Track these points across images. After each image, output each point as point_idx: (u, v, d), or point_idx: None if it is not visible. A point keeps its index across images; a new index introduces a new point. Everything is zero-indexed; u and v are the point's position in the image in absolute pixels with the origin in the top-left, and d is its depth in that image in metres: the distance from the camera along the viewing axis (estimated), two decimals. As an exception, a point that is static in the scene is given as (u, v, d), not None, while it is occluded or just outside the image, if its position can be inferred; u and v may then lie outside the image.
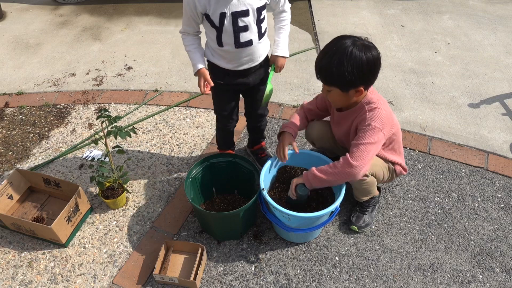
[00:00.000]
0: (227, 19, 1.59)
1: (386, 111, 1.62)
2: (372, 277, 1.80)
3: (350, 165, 1.59)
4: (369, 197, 1.93)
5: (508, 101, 2.77)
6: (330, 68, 1.50)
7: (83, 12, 3.96)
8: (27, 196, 2.11)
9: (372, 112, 1.60)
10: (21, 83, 3.00)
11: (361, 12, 3.87)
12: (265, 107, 2.09)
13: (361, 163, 1.58)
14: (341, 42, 1.50)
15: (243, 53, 1.71)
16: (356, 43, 1.48)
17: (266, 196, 1.70)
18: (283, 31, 1.83)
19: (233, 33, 1.63)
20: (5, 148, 2.47)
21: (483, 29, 3.58)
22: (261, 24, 1.69)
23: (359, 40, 1.50)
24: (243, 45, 1.67)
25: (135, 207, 2.10)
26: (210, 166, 1.98)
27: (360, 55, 1.46)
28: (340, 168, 1.61)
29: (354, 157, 1.59)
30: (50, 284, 1.79)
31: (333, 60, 1.49)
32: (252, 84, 1.86)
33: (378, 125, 1.58)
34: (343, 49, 1.47)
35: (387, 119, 1.61)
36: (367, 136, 1.59)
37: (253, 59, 1.75)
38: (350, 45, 1.47)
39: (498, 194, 2.15)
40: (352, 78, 1.49)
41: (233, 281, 1.78)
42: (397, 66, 3.11)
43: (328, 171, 1.64)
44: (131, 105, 2.77)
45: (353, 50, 1.46)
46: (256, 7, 1.61)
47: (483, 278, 1.80)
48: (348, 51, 1.46)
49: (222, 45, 1.68)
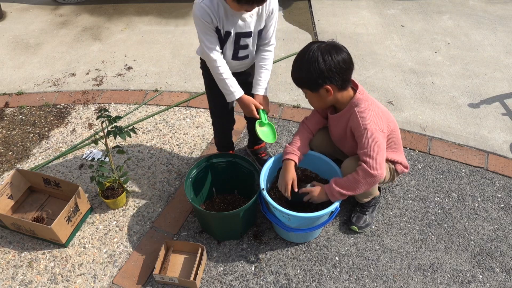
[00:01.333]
0: (231, 38, 1.68)
1: (375, 111, 1.64)
2: (372, 277, 1.80)
3: (371, 175, 1.61)
4: (370, 198, 1.93)
5: (508, 101, 2.77)
6: (296, 70, 1.63)
7: (83, 12, 3.96)
8: (27, 196, 2.11)
9: (363, 114, 1.63)
10: (21, 83, 3.00)
11: (361, 12, 3.87)
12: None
13: (380, 170, 1.61)
14: (307, 46, 1.61)
15: (238, 63, 1.80)
16: (320, 46, 1.57)
17: (266, 196, 1.70)
18: (266, 70, 1.80)
19: (233, 49, 1.73)
20: (5, 148, 2.47)
21: (483, 29, 3.58)
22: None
23: (325, 43, 1.58)
24: (240, 58, 1.78)
25: (135, 207, 2.10)
26: (210, 166, 1.98)
27: (320, 56, 1.55)
28: (362, 180, 1.63)
29: (371, 166, 1.60)
30: (50, 284, 1.79)
31: (297, 62, 1.62)
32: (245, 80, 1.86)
33: (373, 126, 1.60)
34: (306, 52, 1.58)
35: (379, 118, 1.64)
36: (370, 140, 1.60)
37: (247, 66, 1.87)
38: (314, 48, 1.56)
39: (498, 194, 2.15)
40: (313, 77, 1.57)
41: (233, 281, 1.78)
42: (397, 66, 3.11)
43: (353, 186, 1.65)
44: (131, 105, 2.77)
45: (315, 52, 1.55)
46: (259, 29, 1.71)
47: (483, 278, 1.80)
48: (310, 53, 1.56)
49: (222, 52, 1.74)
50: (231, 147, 2.27)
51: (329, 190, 1.69)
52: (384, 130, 1.64)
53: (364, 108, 1.63)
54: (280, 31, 3.58)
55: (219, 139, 2.22)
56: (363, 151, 1.62)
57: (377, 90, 2.84)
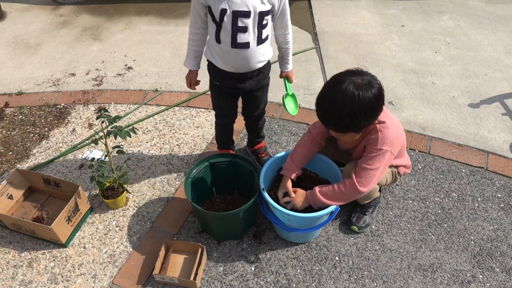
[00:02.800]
0: (227, 16, 1.58)
1: (395, 130, 1.59)
2: (372, 277, 1.80)
3: (357, 191, 1.59)
4: (370, 200, 1.93)
5: (508, 101, 2.77)
6: (343, 119, 1.45)
7: (83, 12, 3.96)
8: (27, 196, 2.11)
9: (383, 133, 1.56)
10: (21, 83, 3.00)
11: (361, 12, 3.87)
12: (263, 109, 2.08)
13: (368, 187, 1.59)
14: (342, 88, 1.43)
15: (239, 54, 1.68)
16: (357, 85, 1.41)
17: (266, 196, 1.70)
18: (289, 49, 1.87)
19: (231, 32, 1.61)
20: (5, 148, 2.47)
21: (483, 29, 3.58)
22: (263, 30, 1.66)
23: (359, 81, 1.43)
24: (239, 46, 1.65)
25: (135, 207, 2.10)
26: (210, 166, 1.98)
27: (367, 96, 1.41)
28: (346, 192, 1.61)
29: (362, 182, 1.58)
30: (50, 284, 1.79)
31: (344, 109, 1.43)
32: (248, 89, 1.85)
33: (388, 148, 1.57)
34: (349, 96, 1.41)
35: (397, 139, 1.60)
36: (377, 160, 1.57)
37: (249, 63, 1.72)
38: (353, 89, 1.41)
39: (498, 194, 2.15)
40: (365, 121, 1.47)
41: (233, 281, 1.78)
42: (397, 66, 3.11)
43: (336, 197, 1.63)
44: (131, 105, 2.77)
45: (359, 94, 1.40)
46: (259, 10, 1.59)
47: (483, 278, 1.80)
48: (355, 98, 1.40)
49: (220, 41, 1.67)
50: (232, 144, 2.26)
51: (312, 197, 1.68)
52: (394, 152, 1.60)
53: (386, 126, 1.57)
54: (280, 31, 3.58)
55: (220, 134, 2.21)
56: (364, 165, 1.59)
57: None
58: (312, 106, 2.72)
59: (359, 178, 1.59)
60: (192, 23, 1.74)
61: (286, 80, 2.01)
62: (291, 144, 2.44)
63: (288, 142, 2.46)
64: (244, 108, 2.08)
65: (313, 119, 2.59)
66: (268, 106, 2.70)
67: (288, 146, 2.43)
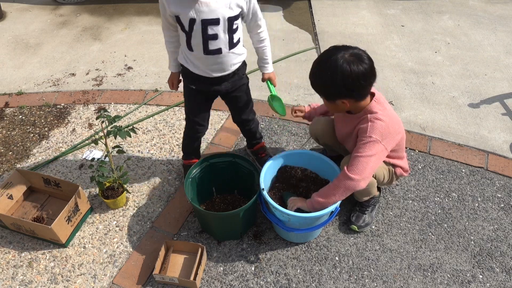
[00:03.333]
0: (197, 25, 1.58)
1: (387, 123, 1.60)
2: (372, 277, 1.80)
3: (349, 178, 1.59)
4: (369, 197, 1.93)
5: (508, 101, 2.77)
6: (315, 76, 1.58)
7: (83, 12, 3.96)
8: (27, 196, 2.11)
9: (373, 123, 1.59)
10: (21, 83, 3.00)
11: (361, 12, 3.87)
12: (250, 111, 2.05)
13: (361, 176, 1.59)
14: (330, 52, 1.53)
15: (212, 60, 1.69)
16: (344, 56, 1.48)
17: (266, 196, 1.70)
18: (266, 48, 1.85)
19: (202, 40, 1.62)
20: (5, 148, 2.47)
21: (483, 29, 3.58)
22: (233, 34, 1.66)
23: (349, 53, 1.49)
24: (212, 52, 1.65)
25: (135, 207, 2.10)
26: (210, 166, 1.98)
27: (340, 68, 1.47)
28: (339, 183, 1.61)
29: (353, 170, 1.59)
30: (50, 284, 1.79)
31: (317, 67, 1.56)
32: (224, 91, 1.84)
33: (378, 137, 1.58)
34: (328, 60, 1.50)
35: (387, 132, 1.60)
36: (367, 148, 1.58)
37: (222, 67, 1.73)
38: (337, 58, 1.48)
39: (498, 194, 2.15)
40: (331, 90, 1.55)
41: (233, 281, 1.78)
42: (397, 66, 3.11)
43: (330, 192, 1.63)
44: (131, 105, 2.77)
45: (337, 62, 1.48)
46: (228, 16, 1.59)
47: (483, 278, 1.80)
48: (332, 62, 1.49)
49: (192, 49, 1.66)
50: (198, 156, 2.18)
51: (311, 204, 1.68)
52: (385, 144, 1.60)
53: (377, 118, 1.60)
54: (280, 31, 3.58)
55: (187, 144, 2.13)
56: (355, 154, 1.61)
57: (377, 90, 2.83)
58: (312, 106, 2.72)
59: (350, 167, 1.60)
60: (163, 27, 1.73)
61: (269, 83, 1.95)
62: (291, 144, 2.44)
63: (288, 142, 2.46)
64: (232, 114, 2.07)
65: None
66: (268, 106, 2.70)
67: (288, 146, 2.43)
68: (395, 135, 1.65)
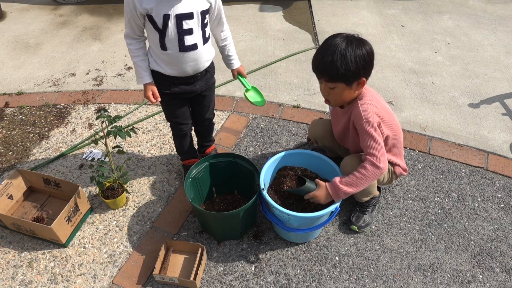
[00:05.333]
0: (171, 21, 1.55)
1: (378, 108, 1.65)
2: (372, 277, 1.80)
3: (378, 168, 1.63)
4: (369, 197, 1.93)
5: (508, 101, 2.77)
6: (334, 63, 1.55)
7: (83, 12, 3.96)
8: (27, 196, 2.11)
9: (365, 107, 1.64)
10: (21, 83, 3.00)
11: (361, 12, 3.87)
12: (213, 109, 2.04)
13: (385, 163, 1.64)
14: (336, 40, 1.58)
15: (188, 57, 1.67)
16: (349, 38, 1.57)
17: (266, 196, 1.70)
18: (230, 45, 1.88)
19: (178, 35, 1.59)
20: (5, 148, 2.47)
21: (483, 29, 3.58)
22: (205, 29, 1.67)
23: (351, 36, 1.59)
24: (188, 49, 1.64)
25: (135, 207, 2.10)
26: (210, 166, 1.98)
27: (359, 47, 1.55)
28: (370, 174, 1.63)
29: (379, 159, 1.62)
30: (50, 284, 1.79)
31: (336, 55, 1.54)
32: (199, 91, 1.84)
33: (374, 119, 1.62)
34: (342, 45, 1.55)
35: (379, 111, 1.65)
36: (370, 131, 1.62)
37: (198, 64, 1.72)
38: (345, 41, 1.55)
39: (498, 194, 2.15)
40: (356, 69, 1.55)
41: (233, 281, 1.78)
42: (397, 66, 3.11)
43: (359, 182, 1.65)
44: (131, 105, 2.77)
45: (352, 45, 1.54)
46: (201, 10, 1.60)
47: (483, 278, 1.80)
48: (348, 46, 1.54)
49: (166, 48, 1.62)
50: (195, 154, 2.17)
51: (334, 189, 1.67)
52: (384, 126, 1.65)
53: (367, 102, 1.64)
54: (280, 31, 3.59)
55: (179, 144, 2.09)
56: (367, 144, 1.63)
57: (377, 90, 2.84)
58: (312, 106, 2.72)
59: (373, 157, 1.62)
60: (128, 34, 1.65)
61: (240, 77, 1.96)
62: (291, 144, 2.44)
63: (288, 142, 2.46)
64: (193, 113, 2.01)
65: (313, 119, 2.59)
66: (268, 106, 2.71)
67: (288, 146, 2.43)
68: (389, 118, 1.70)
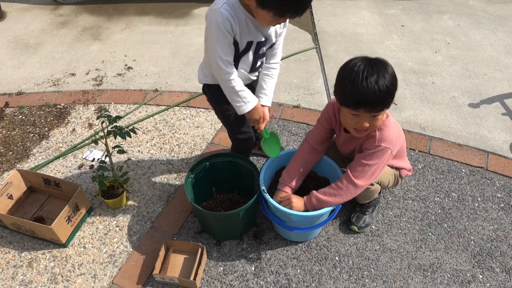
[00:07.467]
0: (252, 48, 1.60)
1: (393, 128, 1.59)
2: (372, 277, 1.80)
3: (354, 184, 1.59)
4: (371, 200, 1.93)
5: (508, 101, 2.77)
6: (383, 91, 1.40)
7: (83, 12, 3.96)
8: (27, 196, 2.11)
9: (382, 131, 1.57)
10: (21, 83, 3.00)
11: (361, 12, 3.87)
12: None
13: (367, 182, 1.60)
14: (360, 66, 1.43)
15: (250, 76, 1.74)
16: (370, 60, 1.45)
17: (266, 196, 1.70)
18: (272, 79, 1.75)
19: (253, 59, 1.64)
20: (5, 148, 2.47)
21: (483, 29, 3.58)
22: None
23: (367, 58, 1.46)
24: (257, 69, 1.72)
25: (135, 207, 2.10)
26: (210, 166, 1.98)
27: (384, 67, 1.44)
28: (345, 189, 1.61)
29: (359, 177, 1.58)
30: (50, 284, 1.79)
31: (381, 81, 1.39)
32: None
33: (388, 145, 1.56)
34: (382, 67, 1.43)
35: (396, 137, 1.59)
36: (375, 156, 1.57)
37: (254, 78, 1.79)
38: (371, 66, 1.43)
39: (498, 194, 2.15)
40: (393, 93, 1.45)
41: (233, 281, 1.78)
42: (397, 66, 3.11)
43: (332, 194, 1.63)
44: (131, 105, 2.77)
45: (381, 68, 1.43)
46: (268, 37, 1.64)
47: (483, 278, 1.80)
48: (385, 69, 1.42)
49: (237, 68, 1.63)
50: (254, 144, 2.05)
51: (309, 201, 1.67)
52: (393, 150, 1.59)
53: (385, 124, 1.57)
54: (280, 31, 3.58)
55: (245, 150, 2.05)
56: (362, 160, 1.59)
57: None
58: (312, 106, 2.72)
59: (355, 172, 1.60)
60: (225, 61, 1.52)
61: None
62: (291, 144, 2.44)
63: (288, 142, 2.46)
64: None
65: (313, 119, 2.59)
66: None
67: (288, 146, 2.43)
68: (400, 139, 1.66)
